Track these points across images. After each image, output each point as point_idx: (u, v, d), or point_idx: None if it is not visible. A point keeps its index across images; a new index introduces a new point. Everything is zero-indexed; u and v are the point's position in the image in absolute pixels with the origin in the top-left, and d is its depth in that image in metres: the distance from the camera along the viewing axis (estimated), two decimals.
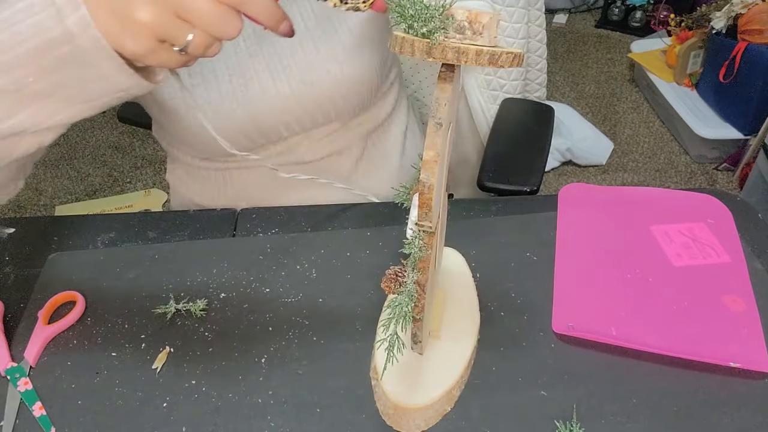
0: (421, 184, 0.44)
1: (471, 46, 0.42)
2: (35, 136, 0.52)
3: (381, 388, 0.58)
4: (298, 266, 0.71)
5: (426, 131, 0.44)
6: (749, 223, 0.76)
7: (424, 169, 0.43)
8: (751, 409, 0.57)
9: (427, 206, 0.45)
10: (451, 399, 0.58)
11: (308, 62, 0.74)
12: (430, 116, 0.43)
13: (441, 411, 0.57)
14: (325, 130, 0.81)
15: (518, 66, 0.44)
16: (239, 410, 0.58)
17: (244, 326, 0.65)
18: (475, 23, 0.42)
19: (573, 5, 3.01)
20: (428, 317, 0.60)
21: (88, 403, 0.59)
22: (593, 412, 0.57)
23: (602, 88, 2.52)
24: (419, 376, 0.59)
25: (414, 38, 0.42)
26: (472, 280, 0.68)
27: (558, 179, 2.12)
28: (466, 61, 0.42)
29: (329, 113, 0.78)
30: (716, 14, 2.00)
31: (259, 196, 0.85)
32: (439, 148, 0.43)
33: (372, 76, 0.78)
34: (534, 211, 0.79)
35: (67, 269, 0.72)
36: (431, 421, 0.56)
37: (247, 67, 0.73)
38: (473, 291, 0.67)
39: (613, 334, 0.63)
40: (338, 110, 0.79)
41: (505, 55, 0.42)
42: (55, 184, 2.13)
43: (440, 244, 0.61)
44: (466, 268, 0.69)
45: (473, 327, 0.63)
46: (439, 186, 0.48)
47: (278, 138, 0.79)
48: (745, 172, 2.01)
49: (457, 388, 0.58)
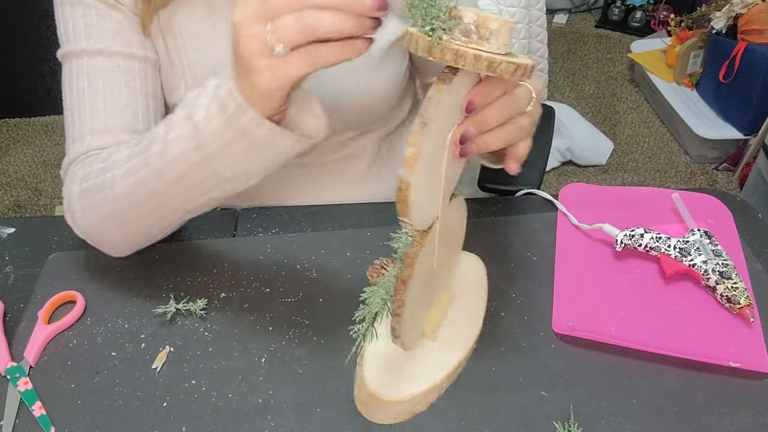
0: (398, 180, 0.44)
1: (471, 49, 0.41)
2: (222, 199, 0.61)
3: (361, 373, 0.58)
4: (298, 266, 0.71)
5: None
6: (749, 223, 0.76)
7: (403, 165, 0.43)
8: (751, 410, 0.57)
9: (404, 203, 0.45)
10: (425, 401, 0.58)
11: (340, 73, 0.75)
12: (419, 114, 0.43)
13: (412, 410, 0.57)
14: (342, 136, 0.82)
15: (524, 77, 0.43)
16: (239, 410, 0.58)
17: (244, 326, 0.65)
18: (482, 28, 0.41)
19: (573, 5, 3.00)
20: (422, 316, 0.60)
21: (88, 403, 0.59)
22: (593, 412, 0.57)
23: (602, 88, 2.52)
24: (401, 371, 0.59)
25: (420, 35, 0.42)
26: (486, 291, 0.66)
27: (558, 179, 2.12)
28: (464, 65, 0.42)
29: (351, 122, 0.79)
30: (716, 14, 2.00)
31: (269, 195, 0.85)
32: (422, 146, 0.43)
33: (396, 86, 0.79)
34: (534, 211, 0.79)
35: (67, 269, 0.72)
36: (399, 417, 0.57)
37: None
38: (483, 302, 0.65)
39: (613, 334, 0.63)
40: (361, 120, 0.80)
41: (506, 65, 0.42)
42: (55, 184, 2.12)
43: (452, 248, 0.61)
44: (484, 277, 0.68)
45: (470, 337, 0.62)
46: (428, 185, 0.47)
47: None
48: (745, 172, 2.01)
49: (435, 392, 0.58)
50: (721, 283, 0.65)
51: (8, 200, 2.07)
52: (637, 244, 0.70)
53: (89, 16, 0.69)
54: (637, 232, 0.70)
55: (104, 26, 0.69)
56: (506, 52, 0.43)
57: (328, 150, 0.83)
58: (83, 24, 0.69)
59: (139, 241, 0.69)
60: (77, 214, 0.67)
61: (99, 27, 0.69)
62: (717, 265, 0.66)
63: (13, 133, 2.32)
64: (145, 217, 0.63)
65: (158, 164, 0.57)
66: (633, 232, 0.70)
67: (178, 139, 0.55)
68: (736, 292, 0.64)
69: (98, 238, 0.68)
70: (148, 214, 0.63)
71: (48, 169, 2.21)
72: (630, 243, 0.70)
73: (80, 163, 0.68)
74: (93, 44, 0.69)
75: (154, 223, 0.65)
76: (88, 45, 0.69)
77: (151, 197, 0.60)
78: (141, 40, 0.72)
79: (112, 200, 0.62)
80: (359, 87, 0.76)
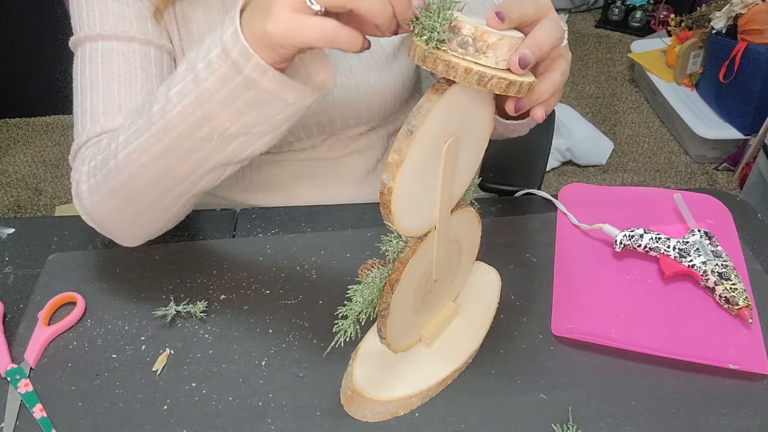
0: (381, 185, 0.44)
1: (464, 62, 0.41)
2: (233, 166, 0.58)
3: (352, 368, 0.59)
4: (298, 267, 0.71)
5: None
6: (749, 224, 0.76)
7: (385, 170, 0.43)
8: (750, 411, 0.57)
9: (387, 208, 0.45)
10: (407, 405, 0.58)
11: (350, 69, 0.75)
12: (405, 121, 0.43)
13: (393, 411, 0.57)
14: (352, 131, 0.82)
15: (517, 95, 0.43)
16: (239, 413, 0.58)
17: (244, 328, 0.65)
18: (479, 41, 0.41)
19: (573, 5, 3.00)
20: (421, 322, 0.60)
21: (89, 405, 0.59)
22: (592, 414, 0.57)
23: (602, 88, 2.52)
24: (389, 371, 0.59)
25: (417, 43, 0.42)
26: (495, 308, 0.65)
27: (558, 179, 2.12)
28: (454, 76, 0.41)
29: (361, 117, 0.79)
30: (716, 14, 1.99)
31: (272, 191, 0.85)
32: (406, 154, 0.43)
33: (406, 83, 0.79)
34: (534, 211, 0.79)
35: (67, 270, 0.72)
36: (378, 416, 0.57)
37: None
38: (488, 318, 0.64)
39: (613, 336, 0.63)
40: (371, 115, 0.80)
41: (497, 80, 0.41)
42: (55, 184, 2.12)
43: (459, 260, 0.60)
44: (496, 293, 0.67)
45: (466, 351, 0.61)
46: (417, 193, 0.47)
47: (307, 137, 0.80)
48: (745, 172, 2.01)
49: (419, 399, 0.58)
50: (720, 284, 0.65)
51: (8, 200, 2.06)
52: (637, 244, 0.70)
53: (104, 3, 0.68)
54: (636, 233, 0.70)
55: (121, 12, 0.68)
56: (505, 67, 0.42)
57: (338, 145, 0.83)
58: (98, 10, 0.68)
59: (147, 224, 0.66)
60: (84, 195, 0.64)
61: (116, 13, 0.68)
62: (716, 266, 0.66)
63: (13, 133, 2.32)
64: (147, 190, 0.59)
65: (160, 124, 0.54)
66: (632, 233, 0.70)
67: (179, 93, 0.52)
68: (735, 293, 0.64)
69: (106, 222, 0.66)
70: (151, 184, 0.59)
71: (48, 169, 2.21)
72: (629, 243, 0.70)
73: (92, 146, 0.66)
74: (109, 29, 0.67)
75: (159, 197, 0.61)
76: (103, 30, 0.67)
77: (152, 164, 0.56)
78: (157, 28, 0.71)
79: (115, 172, 0.59)
80: (370, 82, 0.76)
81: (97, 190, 0.62)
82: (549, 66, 0.49)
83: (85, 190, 0.64)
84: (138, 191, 0.60)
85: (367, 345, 0.61)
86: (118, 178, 0.59)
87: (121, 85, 0.67)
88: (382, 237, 0.51)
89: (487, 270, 0.69)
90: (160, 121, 0.54)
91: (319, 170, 0.84)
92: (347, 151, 0.84)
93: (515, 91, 0.42)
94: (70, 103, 0.69)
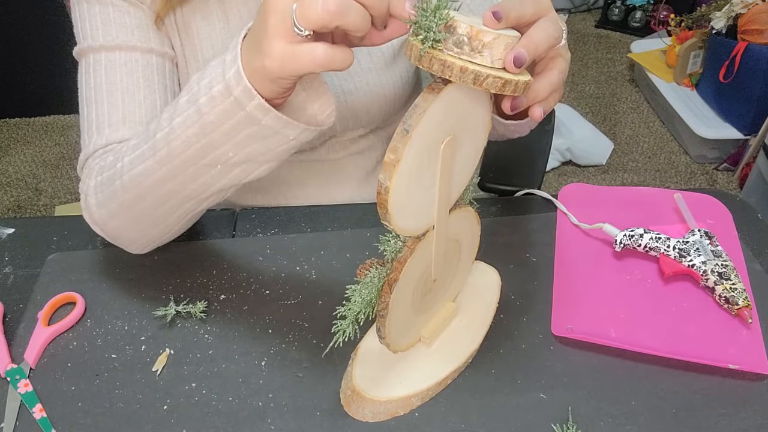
0: (378, 184, 0.44)
1: (459, 61, 0.41)
2: (232, 190, 0.60)
3: (352, 368, 0.59)
4: (298, 267, 0.71)
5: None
6: (749, 224, 0.76)
7: (382, 170, 0.43)
8: (750, 411, 0.57)
9: (384, 207, 0.45)
10: (407, 405, 0.58)
11: (349, 72, 0.75)
12: (402, 120, 0.43)
13: (393, 411, 0.57)
14: (351, 134, 0.82)
15: (513, 94, 0.43)
16: (239, 413, 0.58)
17: (244, 328, 0.65)
18: (474, 40, 0.41)
19: (573, 5, 3.00)
20: (421, 322, 0.60)
21: (89, 405, 0.59)
22: (592, 413, 0.57)
23: (602, 88, 2.52)
24: (389, 371, 0.59)
25: (414, 43, 0.42)
26: (494, 308, 0.65)
27: (558, 179, 2.12)
28: (450, 76, 0.41)
29: (361, 120, 0.80)
30: (716, 14, 1.99)
31: (272, 191, 0.85)
32: (402, 153, 0.43)
33: (405, 85, 0.80)
34: (534, 211, 0.79)
35: (67, 269, 0.72)
36: (378, 416, 0.57)
37: None
38: (488, 318, 0.64)
39: (613, 336, 0.63)
40: (371, 118, 0.80)
41: (492, 79, 0.41)
42: (55, 184, 2.12)
43: (458, 259, 0.60)
44: (496, 293, 0.67)
45: (466, 351, 0.61)
46: (415, 193, 0.47)
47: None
48: (745, 172, 2.01)
49: (419, 399, 0.58)
50: (720, 284, 0.65)
51: (8, 200, 2.07)
52: (637, 244, 0.70)
53: (106, 13, 0.69)
54: (636, 233, 0.70)
55: (122, 22, 0.69)
56: (501, 66, 0.42)
57: (338, 147, 0.83)
58: (101, 21, 0.69)
59: (155, 237, 0.67)
60: (93, 208, 0.66)
61: (117, 23, 0.69)
62: (716, 266, 0.66)
63: (13, 133, 2.32)
64: (154, 208, 0.61)
65: (165, 151, 0.55)
66: (632, 233, 0.70)
67: (182, 124, 0.53)
68: (735, 293, 0.64)
69: (115, 233, 0.67)
70: (158, 204, 0.61)
71: (48, 169, 2.21)
72: (629, 243, 0.70)
73: (98, 158, 0.67)
74: (111, 40, 0.68)
75: (166, 215, 0.63)
76: (105, 41, 0.68)
77: (158, 186, 0.58)
78: (159, 36, 0.72)
79: (122, 192, 0.61)
80: (369, 85, 0.76)
81: (104, 205, 0.64)
82: (547, 65, 0.49)
83: (94, 203, 0.65)
84: (145, 209, 0.62)
85: (367, 345, 0.61)
86: (125, 196, 0.61)
87: (124, 96, 0.68)
88: (380, 237, 0.51)
89: (486, 270, 0.69)
90: (164, 148, 0.55)
91: (319, 171, 0.84)
92: (347, 152, 0.84)
93: (511, 90, 0.42)
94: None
